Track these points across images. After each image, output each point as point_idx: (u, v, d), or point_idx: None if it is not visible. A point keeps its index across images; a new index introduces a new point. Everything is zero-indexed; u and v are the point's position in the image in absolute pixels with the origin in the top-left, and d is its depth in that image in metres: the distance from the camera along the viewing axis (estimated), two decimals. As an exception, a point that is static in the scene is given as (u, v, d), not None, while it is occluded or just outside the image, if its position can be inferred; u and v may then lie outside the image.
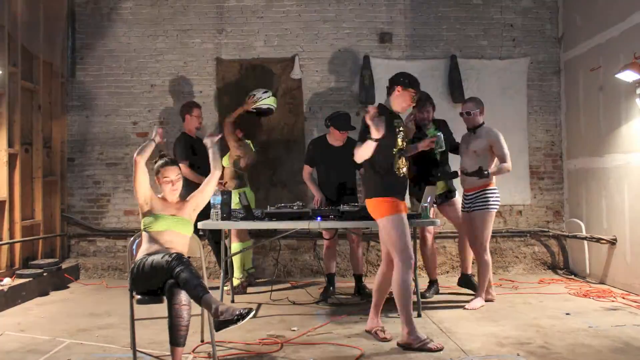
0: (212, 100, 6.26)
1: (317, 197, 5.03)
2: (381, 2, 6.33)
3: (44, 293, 5.21)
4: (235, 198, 5.00)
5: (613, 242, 5.32)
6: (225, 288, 4.56)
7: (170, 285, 2.98)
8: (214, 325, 2.95)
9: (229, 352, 3.49)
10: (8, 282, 4.84)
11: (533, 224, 6.35)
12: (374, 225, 4.41)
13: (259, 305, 4.79)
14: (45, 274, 5.27)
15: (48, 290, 5.29)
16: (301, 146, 6.10)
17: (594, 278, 5.66)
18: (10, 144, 5.12)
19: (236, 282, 5.23)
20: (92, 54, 6.32)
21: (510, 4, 6.38)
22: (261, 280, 5.87)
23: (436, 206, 4.95)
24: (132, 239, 3.52)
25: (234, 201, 5.04)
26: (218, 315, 2.87)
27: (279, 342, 3.66)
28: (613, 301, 4.75)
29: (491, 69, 6.30)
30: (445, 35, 6.34)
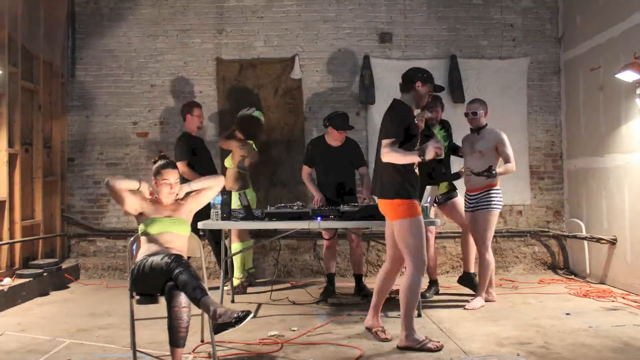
0: (212, 100, 6.26)
1: (316, 197, 5.03)
2: (381, 2, 6.33)
3: (44, 293, 5.21)
4: (236, 199, 5.00)
5: (613, 242, 5.32)
6: (225, 288, 4.57)
7: (170, 287, 2.98)
8: (213, 329, 2.95)
9: (229, 352, 3.49)
10: (8, 282, 4.84)
11: (533, 224, 6.35)
12: (374, 225, 4.42)
13: (259, 305, 4.79)
14: (45, 274, 5.27)
15: (48, 290, 5.29)
16: (301, 146, 6.10)
17: (594, 278, 5.66)
18: (11, 144, 5.12)
19: (236, 282, 5.23)
20: (92, 54, 6.32)
21: (510, 4, 6.37)
22: (261, 280, 5.88)
23: (437, 206, 4.96)
24: (132, 239, 3.51)
25: (235, 202, 5.06)
26: (216, 318, 2.87)
27: (279, 342, 3.66)
28: (613, 301, 4.75)
29: (491, 69, 6.30)
30: (445, 35, 6.34)
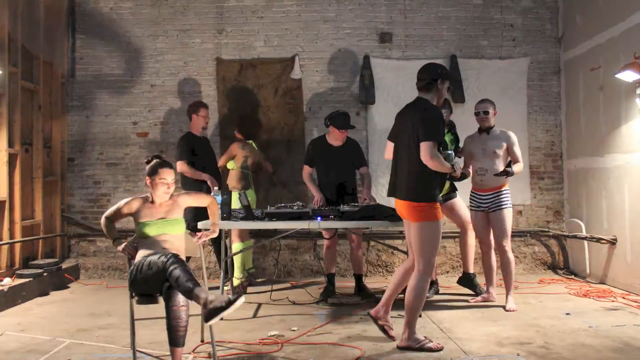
0: (212, 100, 6.25)
1: (316, 197, 5.02)
2: (381, 2, 6.33)
3: (44, 293, 5.21)
4: (236, 199, 5.00)
5: (613, 242, 5.32)
6: (225, 288, 4.56)
7: (168, 287, 3.00)
8: (204, 317, 2.89)
9: (229, 352, 3.49)
10: (8, 282, 4.85)
11: (533, 224, 6.35)
12: (374, 225, 4.42)
13: (259, 305, 4.79)
14: (45, 274, 5.27)
15: (48, 290, 5.29)
16: (301, 146, 6.10)
17: (594, 278, 5.66)
18: (11, 144, 5.12)
19: (236, 282, 5.23)
20: (92, 54, 6.32)
21: (510, 4, 6.38)
22: (261, 280, 5.88)
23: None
24: (131, 239, 3.51)
25: (235, 202, 5.06)
26: (207, 304, 2.84)
27: (279, 342, 3.66)
28: (613, 301, 4.75)
29: (491, 69, 6.29)
30: (445, 35, 6.34)
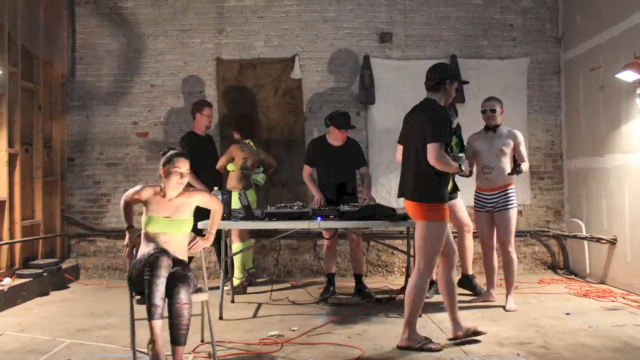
0: (212, 100, 6.23)
1: (317, 197, 5.02)
2: (381, 2, 6.33)
3: (44, 293, 5.21)
4: (236, 199, 5.00)
5: (613, 242, 5.32)
6: (225, 288, 4.56)
7: (170, 286, 2.99)
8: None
9: (229, 352, 3.49)
10: (8, 282, 4.84)
11: (533, 224, 6.35)
12: (374, 225, 4.43)
13: (259, 305, 4.79)
14: (45, 274, 5.27)
15: (48, 290, 5.28)
16: (301, 146, 6.10)
17: (594, 278, 5.66)
18: (11, 144, 5.12)
19: (236, 282, 5.23)
20: (92, 54, 6.32)
21: (510, 4, 6.37)
22: (261, 280, 5.88)
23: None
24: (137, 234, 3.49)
25: (235, 202, 5.06)
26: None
27: (279, 342, 3.66)
28: (613, 301, 4.75)
29: (491, 69, 6.29)
30: (445, 35, 6.34)
